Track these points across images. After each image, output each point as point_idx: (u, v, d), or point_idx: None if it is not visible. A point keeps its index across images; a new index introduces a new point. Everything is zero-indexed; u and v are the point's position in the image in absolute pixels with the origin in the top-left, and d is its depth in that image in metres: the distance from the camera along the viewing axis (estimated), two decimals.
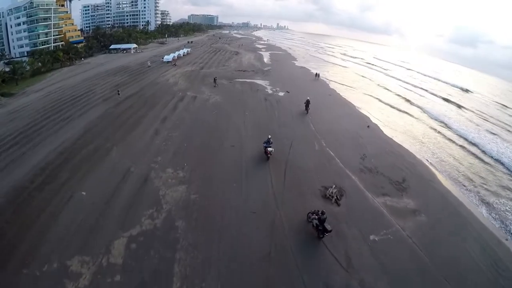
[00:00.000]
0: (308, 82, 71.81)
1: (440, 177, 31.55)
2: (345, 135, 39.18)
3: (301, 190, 25.44)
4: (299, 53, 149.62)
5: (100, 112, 43.47)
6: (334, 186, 25.80)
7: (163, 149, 31.51)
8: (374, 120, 47.07)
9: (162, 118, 41.19)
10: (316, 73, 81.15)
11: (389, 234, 21.28)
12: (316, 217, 20.24)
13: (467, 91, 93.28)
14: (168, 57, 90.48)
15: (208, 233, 19.98)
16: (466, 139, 45.47)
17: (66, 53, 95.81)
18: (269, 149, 30.23)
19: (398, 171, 30.34)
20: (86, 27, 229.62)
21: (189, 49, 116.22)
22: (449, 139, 44.65)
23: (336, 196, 24.56)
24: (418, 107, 59.90)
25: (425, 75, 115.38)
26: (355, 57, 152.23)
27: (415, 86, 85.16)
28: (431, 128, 48.78)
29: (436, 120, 53.13)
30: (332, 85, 70.28)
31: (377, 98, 62.04)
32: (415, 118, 52.93)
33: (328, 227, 19.60)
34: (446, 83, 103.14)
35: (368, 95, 64.69)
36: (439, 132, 46.99)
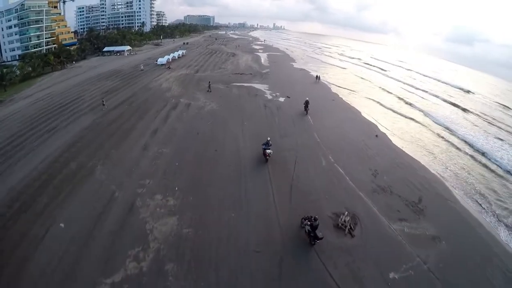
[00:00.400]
0: (308, 85, 68.67)
1: (456, 194, 28.56)
2: (353, 146, 36.18)
3: None
4: (297, 54, 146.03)
5: (87, 122, 40.28)
6: (346, 213, 22.72)
7: (152, 170, 28.18)
8: (381, 128, 44.18)
9: (152, 130, 37.98)
10: (317, 76, 78.12)
11: (410, 270, 18.43)
12: (309, 223, 19.57)
13: (468, 92, 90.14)
14: (162, 60, 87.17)
15: (204, 279, 16.81)
16: (474, 148, 42.50)
17: (57, 57, 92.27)
18: (267, 151, 30.23)
19: (413, 190, 27.40)
20: (81, 28, 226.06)
21: (184, 51, 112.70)
22: (458, 148, 41.56)
23: (350, 226, 21.48)
24: (422, 111, 56.87)
25: (424, 75, 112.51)
26: (353, 58, 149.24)
27: (416, 88, 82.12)
28: (438, 135, 45.67)
29: (441, 125, 50.05)
30: (334, 89, 67.18)
31: (379, 103, 58.81)
32: (420, 124, 49.88)
33: (319, 234, 18.88)
34: (446, 83, 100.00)
35: (371, 99, 61.43)
36: (446, 140, 43.81)
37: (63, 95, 54.86)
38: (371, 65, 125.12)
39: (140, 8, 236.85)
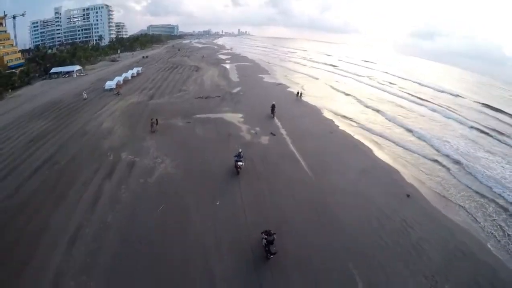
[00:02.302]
0: (293, 108, 53.37)
1: None
2: (391, 231, 21.62)
3: None
4: (267, 62, 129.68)
5: None
6: None
7: None
8: (407, 177, 30.12)
9: (70, 234, 21.27)
10: (298, 92, 63.09)
11: None
12: (265, 237, 18.22)
13: (457, 96, 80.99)
14: (110, 83, 68.83)
15: None
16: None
17: None
18: (239, 163, 28.12)
19: None
20: (36, 45, 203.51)
21: (140, 68, 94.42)
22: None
23: None
24: (425, 140, 42.46)
25: (402, 78, 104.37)
26: (325, 63, 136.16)
27: (403, 97, 71.38)
28: (458, 180, 31.15)
29: (454, 161, 35.83)
30: (325, 113, 52.29)
31: (383, 136, 43.27)
32: (432, 160, 35.90)
33: (273, 249, 17.84)
34: (429, 87, 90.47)
35: (368, 129, 46.18)
36: (477, 193, 28.81)
37: None
38: (345, 71, 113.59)
39: (97, 20, 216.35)
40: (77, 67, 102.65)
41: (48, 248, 20.04)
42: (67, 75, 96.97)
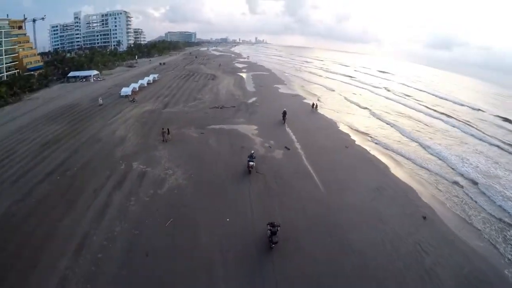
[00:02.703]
0: (309, 121, 52.60)
1: None
2: (402, 252, 21.00)
3: None
4: (283, 72, 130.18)
5: None
6: None
7: None
8: (423, 197, 29.15)
9: (77, 242, 21.36)
10: (313, 104, 62.64)
11: None
12: (270, 228, 20.09)
13: (476, 109, 79.13)
14: (126, 90, 69.56)
15: None
16: None
17: (10, 88, 74.23)
18: (251, 163, 31.01)
19: None
20: (56, 48, 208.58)
21: (156, 75, 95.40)
22: None
23: None
24: (442, 157, 40.65)
25: (419, 90, 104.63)
26: (341, 74, 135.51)
27: (420, 111, 69.71)
28: (476, 202, 29.63)
29: (472, 181, 34.34)
30: (341, 126, 51.57)
31: (400, 153, 41.71)
32: (450, 179, 34.25)
33: (275, 239, 19.86)
34: (446, 99, 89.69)
35: (383, 143, 45.23)
36: (495, 216, 27.33)
37: None
38: (361, 82, 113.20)
39: (116, 26, 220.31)
40: (95, 72, 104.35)
41: (55, 254, 20.08)
42: (84, 80, 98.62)
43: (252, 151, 33.01)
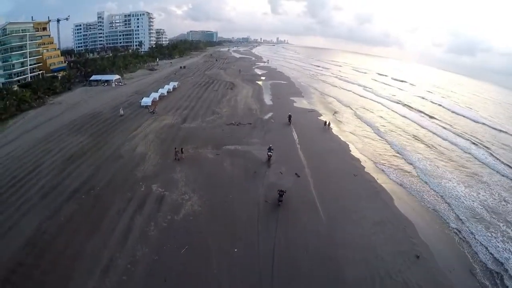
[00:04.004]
0: (321, 142, 55.13)
1: None
2: None
3: None
4: (301, 80, 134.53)
5: (28, 232, 27.91)
6: None
7: None
8: (422, 234, 30.81)
9: (104, 263, 24.56)
10: (326, 122, 65.25)
11: None
12: (280, 192, 33.42)
13: (497, 130, 79.28)
14: (146, 100, 73.46)
15: None
16: None
17: (34, 92, 79.08)
18: (269, 153, 44.20)
19: None
20: (79, 46, 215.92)
21: (176, 83, 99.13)
22: None
23: None
24: (449, 193, 40.77)
25: (438, 104, 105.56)
26: (358, 84, 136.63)
27: (435, 133, 69.57)
28: (472, 246, 30.58)
29: (476, 220, 34.92)
30: (351, 147, 54.57)
31: (404, 182, 43.31)
32: (453, 218, 35.29)
33: (281, 199, 33.36)
34: (466, 117, 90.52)
35: (393, 172, 46.71)
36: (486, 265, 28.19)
37: (21, 160, 42.93)
38: (379, 95, 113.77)
39: (138, 26, 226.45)
40: (116, 77, 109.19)
41: (84, 274, 23.20)
42: (106, 84, 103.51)
43: (271, 145, 45.52)
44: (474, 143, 64.68)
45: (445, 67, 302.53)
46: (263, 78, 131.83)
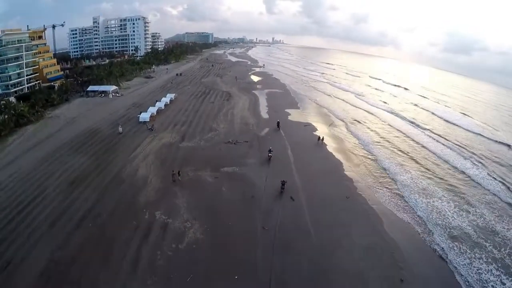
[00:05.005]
0: (315, 162, 57.37)
1: None
2: None
3: None
4: (296, 87, 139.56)
5: (42, 263, 30.14)
6: None
7: None
8: (408, 258, 32.83)
9: None
10: (319, 137, 68.00)
11: None
12: (282, 182, 44.87)
13: (496, 142, 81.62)
14: (144, 116, 75.37)
15: None
16: None
17: (33, 107, 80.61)
18: (269, 154, 55.25)
19: None
20: (74, 51, 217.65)
21: (173, 95, 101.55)
22: None
23: None
24: (441, 221, 41.61)
25: (435, 115, 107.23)
26: (352, 92, 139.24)
27: (429, 149, 70.26)
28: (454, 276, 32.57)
29: (457, 254, 35.54)
30: (345, 165, 56.85)
31: (395, 205, 46.02)
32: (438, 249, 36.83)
33: (283, 188, 44.66)
34: (466, 129, 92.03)
35: (384, 193, 49.47)
36: None
37: (25, 184, 44.97)
38: (374, 105, 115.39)
39: (133, 31, 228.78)
40: (113, 87, 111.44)
41: None
42: (103, 95, 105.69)
43: (270, 147, 56.63)
44: (466, 158, 66.49)
45: (441, 66, 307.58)
46: (259, 86, 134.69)
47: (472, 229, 39.99)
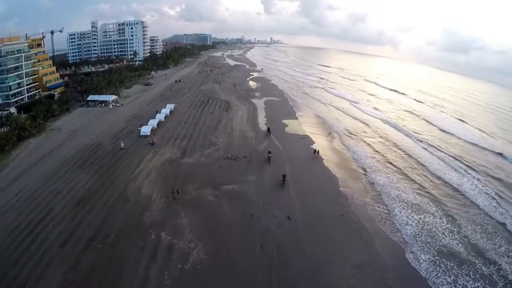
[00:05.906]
0: (311, 178, 60.54)
1: None
2: None
3: None
4: (293, 94, 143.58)
5: (56, 284, 32.82)
6: None
7: None
8: (398, 276, 35.92)
9: None
10: (315, 150, 71.14)
11: None
12: (283, 175, 54.61)
13: (493, 152, 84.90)
14: (145, 130, 77.52)
15: None
16: None
17: (34, 119, 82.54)
18: (269, 155, 65.18)
19: None
20: (73, 55, 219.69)
21: (173, 106, 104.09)
22: None
23: None
24: (433, 240, 44.45)
25: (431, 124, 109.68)
26: (349, 100, 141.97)
27: (424, 164, 72.13)
28: None
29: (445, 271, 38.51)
30: (340, 181, 59.35)
31: (387, 221, 50.15)
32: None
33: (284, 180, 54.72)
34: (463, 139, 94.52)
35: (379, 208, 52.79)
36: None
37: (32, 202, 47.07)
38: (370, 114, 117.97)
39: (132, 35, 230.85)
40: (113, 97, 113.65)
41: None
42: (103, 105, 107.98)
43: (270, 149, 67.61)
44: (458, 171, 69.37)
45: (439, 65, 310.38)
46: (257, 94, 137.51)
47: (460, 248, 42.99)
